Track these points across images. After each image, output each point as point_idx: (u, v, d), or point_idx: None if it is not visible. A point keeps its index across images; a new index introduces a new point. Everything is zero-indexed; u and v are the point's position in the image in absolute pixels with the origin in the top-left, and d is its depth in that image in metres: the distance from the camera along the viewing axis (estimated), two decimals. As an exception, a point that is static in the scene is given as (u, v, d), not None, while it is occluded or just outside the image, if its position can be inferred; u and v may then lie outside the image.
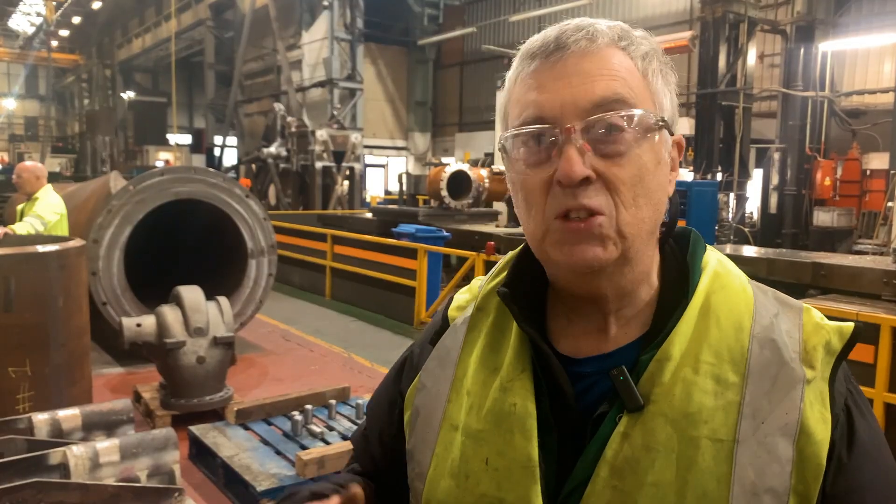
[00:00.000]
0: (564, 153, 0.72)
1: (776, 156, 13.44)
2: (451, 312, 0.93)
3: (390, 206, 14.37)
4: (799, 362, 0.73)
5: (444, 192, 11.89)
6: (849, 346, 0.75)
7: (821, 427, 0.71)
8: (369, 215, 13.46)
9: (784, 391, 0.71)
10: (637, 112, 0.73)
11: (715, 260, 0.81)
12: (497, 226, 11.18)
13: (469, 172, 12.22)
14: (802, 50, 13.08)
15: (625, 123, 0.72)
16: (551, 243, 0.75)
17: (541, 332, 0.81)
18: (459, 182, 12.14)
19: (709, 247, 0.83)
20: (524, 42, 0.80)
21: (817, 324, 0.76)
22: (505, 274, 0.88)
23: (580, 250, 0.73)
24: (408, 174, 14.17)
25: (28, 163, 6.07)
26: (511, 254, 0.91)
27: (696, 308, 0.76)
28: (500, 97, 0.84)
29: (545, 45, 0.76)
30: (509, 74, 0.81)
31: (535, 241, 0.78)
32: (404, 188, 13.85)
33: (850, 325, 0.76)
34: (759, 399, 0.71)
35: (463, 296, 0.95)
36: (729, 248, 7.69)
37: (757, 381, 0.72)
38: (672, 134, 0.78)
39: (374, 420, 0.99)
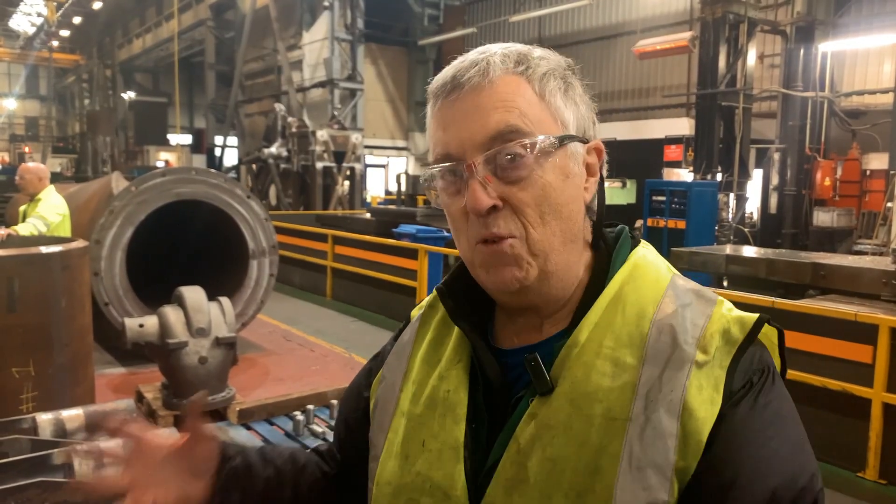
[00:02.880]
0: (469, 187, 0.78)
1: (776, 156, 13.44)
2: (413, 311, 1.03)
3: (388, 207, 14.37)
4: (693, 346, 0.76)
5: None
6: (751, 336, 0.77)
7: (706, 407, 0.73)
8: (367, 216, 13.47)
9: (674, 371, 0.75)
10: (530, 140, 0.77)
11: (640, 255, 0.86)
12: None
13: None
14: (802, 50, 13.07)
15: (521, 150, 0.77)
16: (479, 266, 0.81)
17: (480, 327, 0.88)
18: None
19: (643, 243, 0.89)
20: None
21: (721, 314, 0.79)
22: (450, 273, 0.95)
23: (500, 273, 0.79)
24: (406, 174, 14.14)
25: (31, 164, 6.09)
26: None
27: (608, 298, 0.81)
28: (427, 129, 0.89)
29: (444, 85, 0.81)
30: (427, 110, 0.86)
31: (467, 263, 0.85)
32: (402, 188, 13.83)
33: (754, 316, 0.79)
34: (652, 380, 0.75)
35: (429, 297, 1.03)
36: (729, 249, 7.70)
37: (652, 363, 0.76)
38: (587, 141, 0.83)
39: (344, 405, 1.08)
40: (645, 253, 0.87)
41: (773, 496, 0.71)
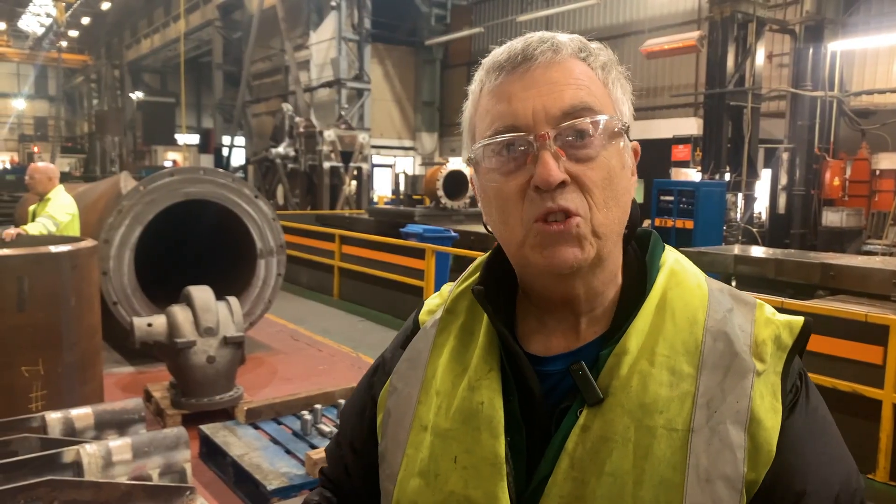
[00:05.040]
0: (541, 159, 0.74)
1: (785, 156, 13.37)
2: (421, 317, 0.95)
3: (387, 207, 14.37)
4: (749, 354, 0.75)
5: (441, 192, 11.86)
6: (800, 340, 0.78)
7: (770, 416, 0.73)
8: (366, 216, 13.45)
9: (736, 381, 0.74)
10: (603, 118, 0.76)
11: (672, 259, 0.85)
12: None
13: (466, 172, 12.14)
14: (811, 50, 13.01)
15: (593, 129, 0.76)
16: (531, 247, 0.77)
17: (511, 333, 0.83)
18: (456, 182, 12.11)
19: (667, 247, 0.87)
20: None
21: (768, 318, 0.79)
22: (477, 276, 0.90)
23: (560, 252, 0.75)
24: (405, 174, 14.10)
25: (40, 164, 6.12)
26: (480, 259, 0.93)
27: (653, 304, 0.79)
28: (466, 110, 0.85)
29: (512, 57, 0.78)
30: (472, 87, 0.84)
31: (513, 246, 0.80)
32: (401, 188, 13.82)
33: (800, 319, 0.79)
34: (712, 389, 0.74)
35: (434, 300, 0.97)
36: (737, 249, 7.67)
37: (710, 371, 0.74)
38: (630, 141, 0.82)
39: (346, 427, 1.01)
40: (677, 257, 0.86)
41: (837, 500, 0.75)
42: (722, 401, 0.73)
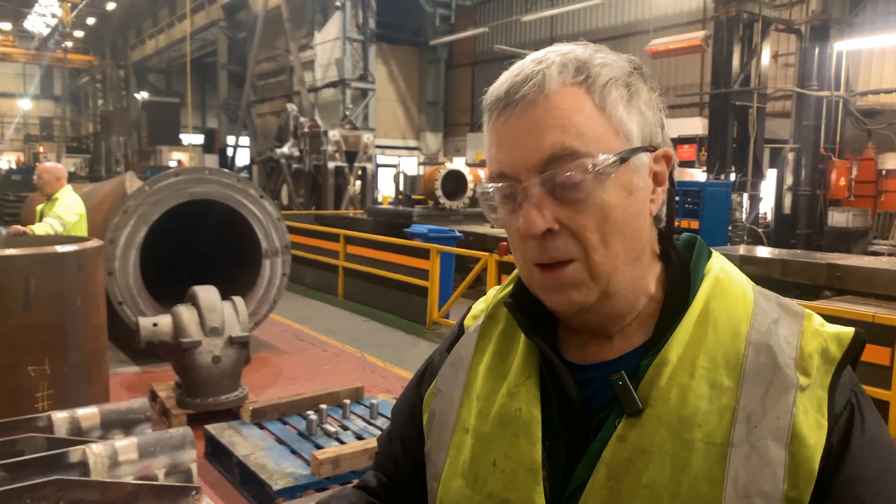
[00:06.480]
0: (523, 210, 0.75)
1: (790, 156, 13.33)
2: (466, 321, 0.98)
3: (386, 207, 14.35)
4: (794, 368, 0.73)
5: (440, 192, 11.83)
6: (849, 353, 0.75)
7: (814, 433, 0.71)
8: (364, 216, 13.44)
9: (777, 396, 0.72)
10: (588, 162, 0.73)
11: (718, 267, 0.82)
12: (493, 226, 10.99)
13: (465, 172, 12.14)
14: (817, 49, 12.96)
15: (577, 174, 0.73)
16: (537, 288, 0.79)
17: (549, 340, 0.84)
18: (455, 182, 12.09)
19: (715, 253, 0.85)
20: (531, 46, 0.83)
21: (815, 330, 0.77)
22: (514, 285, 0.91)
23: (560, 297, 0.77)
24: (404, 174, 14.07)
25: (48, 164, 6.15)
26: None
27: (696, 314, 0.78)
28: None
29: (497, 101, 0.78)
30: (483, 121, 0.84)
31: (525, 280, 0.82)
32: (400, 188, 13.81)
33: (850, 331, 0.76)
34: (753, 403, 0.72)
35: (479, 305, 0.99)
36: (742, 249, 7.65)
37: (752, 385, 0.73)
38: (654, 149, 0.79)
39: (397, 423, 1.04)
40: (723, 265, 0.83)
41: None
42: (763, 416, 0.72)
